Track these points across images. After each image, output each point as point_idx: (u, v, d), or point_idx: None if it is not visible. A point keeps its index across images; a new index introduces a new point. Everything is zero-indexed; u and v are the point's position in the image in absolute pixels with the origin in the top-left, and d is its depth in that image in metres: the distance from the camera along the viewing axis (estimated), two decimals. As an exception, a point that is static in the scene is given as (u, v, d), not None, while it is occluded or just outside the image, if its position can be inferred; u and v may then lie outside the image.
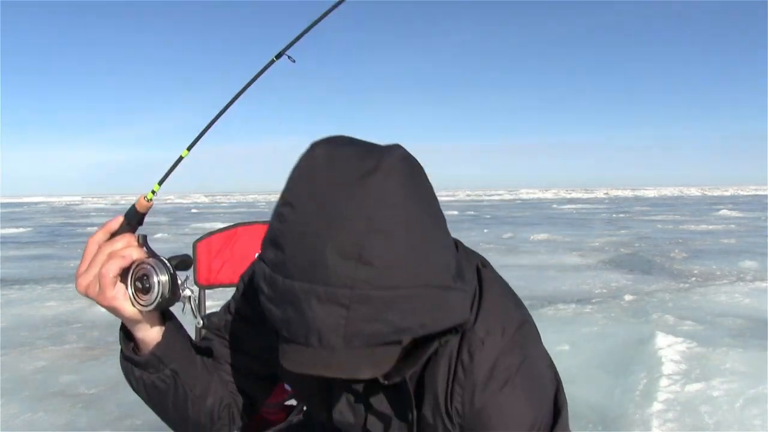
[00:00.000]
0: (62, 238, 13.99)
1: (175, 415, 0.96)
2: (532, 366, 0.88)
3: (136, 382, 0.91)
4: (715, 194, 61.23)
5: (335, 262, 0.65)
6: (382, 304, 0.66)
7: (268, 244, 0.71)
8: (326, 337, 0.67)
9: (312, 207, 0.67)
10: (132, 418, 2.81)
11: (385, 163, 0.68)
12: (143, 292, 0.82)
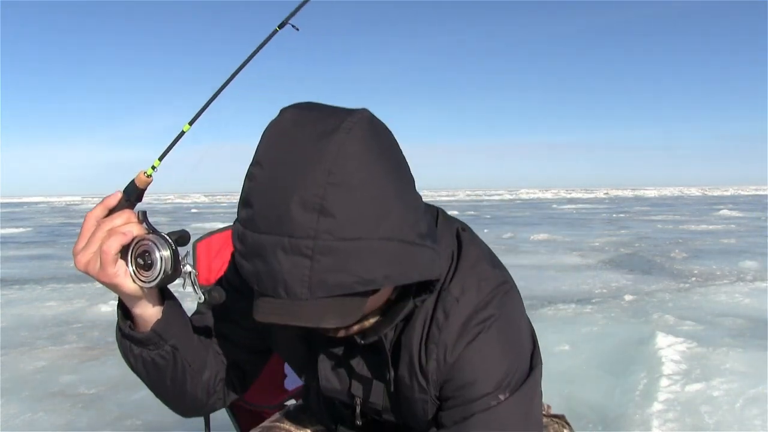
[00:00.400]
0: (62, 238, 13.98)
1: (173, 391, 0.96)
2: (507, 321, 0.88)
3: (134, 360, 0.91)
4: (715, 194, 61.24)
5: (299, 215, 0.67)
6: (345, 255, 0.68)
7: (241, 204, 0.75)
8: (292, 288, 0.69)
9: (278, 164, 0.70)
10: (132, 418, 2.81)
11: (347, 122, 0.71)
12: (145, 268, 0.82)
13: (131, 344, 0.90)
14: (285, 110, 0.75)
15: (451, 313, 0.85)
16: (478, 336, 0.85)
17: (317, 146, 0.69)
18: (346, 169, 0.68)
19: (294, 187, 0.68)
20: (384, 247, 0.70)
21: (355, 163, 0.69)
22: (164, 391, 0.97)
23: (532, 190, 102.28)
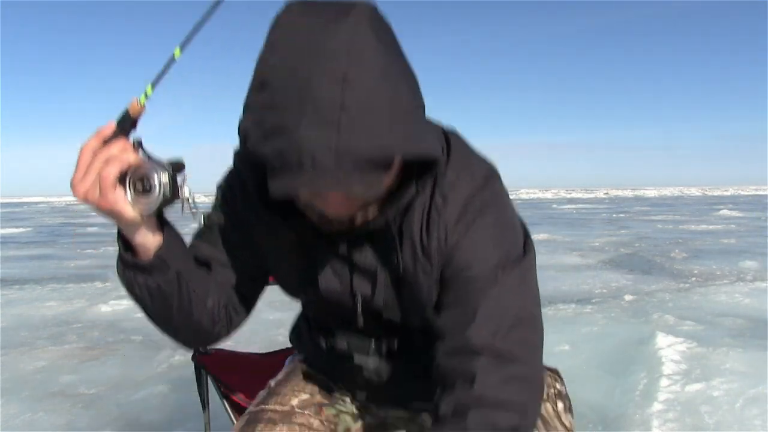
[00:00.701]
0: (62, 238, 13.98)
1: (180, 320, 0.96)
2: (501, 206, 0.94)
3: (140, 291, 0.91)
4: (715, 194, 61.25)
5: (322, 87, 0.69)
6: (369, 125, 0.71)
7: (254, 91, 0.75)
8: (319, 158, 0.70)
9: (294, 46, 0.72)
10: (132, 418, 2.81)
11: (357, 9, 0.74)
12: (144, 193, 0.82)
13: (135, 274, 0.90)
14: (289, 3, 0.77)
15: (449, 197, 0.89)
16: (475, 219, 0.90)
17: (332, 27, 0.71)
18: (362, 46, 0.71)
19: (315, 64, 0.70)
20: (402, 119, 0.74)
21: (371, 39, 0.72)
22: (170, 321, 0.97)
23: (532, 190, 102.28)
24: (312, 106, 0.69)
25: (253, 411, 1.14)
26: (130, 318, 5.00)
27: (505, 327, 0.87)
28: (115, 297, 5.84)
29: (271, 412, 1.11)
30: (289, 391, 1.15)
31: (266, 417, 1.10)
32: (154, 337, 4.33)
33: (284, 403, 1.12)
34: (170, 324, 0.98)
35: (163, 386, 3.23)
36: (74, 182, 0.81)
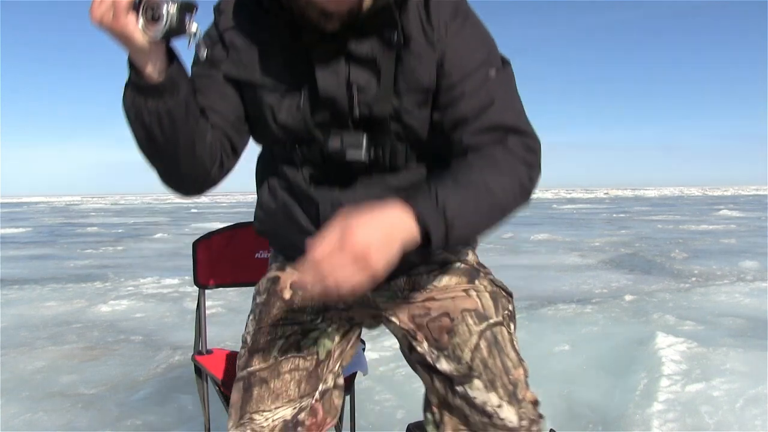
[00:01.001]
0: (62, 238, 13.98)
1: (184, 150, 1.01)
2: (477, 18, 1.08)
3: (148, 117, 0.95)
4: (715, 194, 61.23)
5: None
6: None
7: None
8: None
9: None
10: (132, 418, 2.81)
11: None
12: (153, 21, 0.90)
13: (146, 99, 0.94)
14: None
15: (442, 1, 1.04)
16: (466, 20, 1.05)
17: None
18: None
19: None
20: None
21: None
22: (176, 151, 1.00)
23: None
24: None
25: (243, 377, 1.17)
26: (130, 318, 5.00)
27: (520, 111, 1.06)
28: (115, 297, 5.84)
29: (259, 371, 1.16)
30: (266, 343, 1.18)
31: (256, 379, 1.15)
32: (154, 337, 4.33)
33: (267, 359, 1.16)
34: (174, 155, 1.01)
35: (163, 386, 3.23)
36: (92, 7, 0.88)
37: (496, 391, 1.11)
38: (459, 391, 1.12)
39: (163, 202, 55.16)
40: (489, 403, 1.10)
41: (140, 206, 43.08)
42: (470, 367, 1.12)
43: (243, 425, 1.13)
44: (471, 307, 1.16)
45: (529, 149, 1.03)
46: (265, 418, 1.12)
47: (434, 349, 1.15)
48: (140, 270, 7.91)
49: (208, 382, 1.72)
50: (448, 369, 1.13)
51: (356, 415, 1.64)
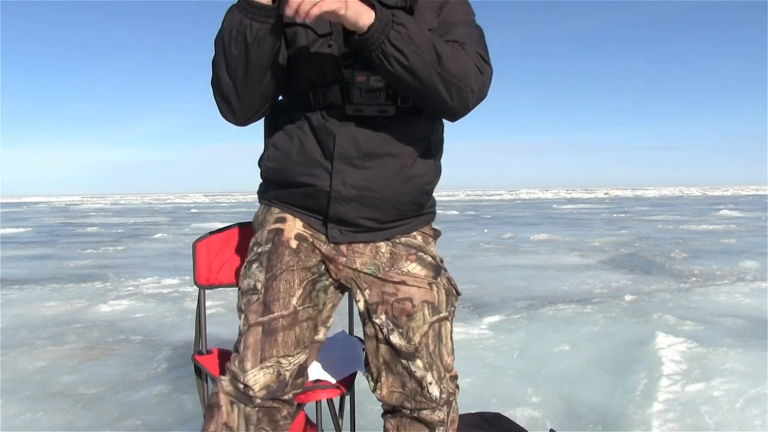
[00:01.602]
0: (62, 238, 13.98)
1: (266, 72, 1.26)
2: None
3: (251, 35, 1.18)
4: (715, 194, 61.22)
5: None
6: None
7: None
8: None
9: None
10: (132, 418, 2.81)
11: None
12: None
13: (252, 21, 1.17)
14: None
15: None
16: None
17: None
18: None
19: None
20: None
21: None
22: (257, 76, 1.25)
23: (532, 190, 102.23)
24: None
25: (264, 321, 1.31)
26: (130, 318, 5.00)
27: (485, 48, 1.36)
28: (115, 297, 5.84)
29: (281, 318, 1.31)
30: (284, 291, 1.34)
31: (279, 325, 1.31)
32: (154, 337, 4.33)
33: (287, 306, 1.33)
34: (255, 77, 1.25)
35: (163, 386, 3.23)
36: None
37: (431, 371, 1.39)
38: (403, 363, 1.39)
39: (163, 202, 55.15)
40: (425, 379, 1.39)
41: (140, 206, 43.06)
42: (416, 348, 1.39)
43: (270, 367, 1.28)
44: (430, 300, 1.41)
45: (484, 62, 1.34)
46: (290, 362, 1.30)
47: (390, 323, 1.38)
48: (140, 270, 7.91)
49: (208, 382, 1.72)
50: (398, 344, 1.39)
51: (356, 415, 1.64)
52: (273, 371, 1.29)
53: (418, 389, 1.40)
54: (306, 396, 1.49)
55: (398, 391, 1.42)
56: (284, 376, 1.30)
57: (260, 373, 1.28)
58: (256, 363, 1.28)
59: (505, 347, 3.76)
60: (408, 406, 1.42)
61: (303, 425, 1.55)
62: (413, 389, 1.41)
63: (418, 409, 1.41)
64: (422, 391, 1.40)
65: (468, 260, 8.49)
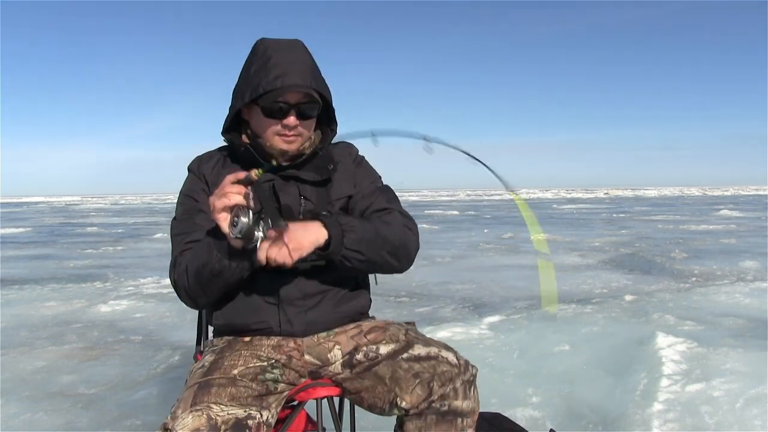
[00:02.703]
0: (62, 238, 13.99)
1: (224, 291, 1.47)
2: (367, 161, 1.71)
3: (230, 274, 1.40)
4: (715, 194, 61.21)
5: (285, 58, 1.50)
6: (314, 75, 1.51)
7: (246, 69, 1.54)
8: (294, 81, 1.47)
9: (269, 50, 1.50)
10: (132, 418, 2.81)
11: (297, 41, 1.55)
12: (233, 225, 1.27)
13: (240, 262, 1.37)
14: (260, 39, 1.54)
15: (349, 149, 1.68)
16: (362, 161, 1.68)
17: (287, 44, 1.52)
18: (303, 52, 1.52)
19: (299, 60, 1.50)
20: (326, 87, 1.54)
21: (306, 52, 1.53)
22: (222, 292, 1.47)
23: (532, 190, 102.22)
24: (284, 65, 1.47)
25: (201, 381, 1.37)
26: (129, 318, 5.01)
27: (399, 203, 1.62)
28: (115, 297, 5.85)
29: (219, 378, 1.37)
30: (227, 365, 1.42)
31: (216, 383, 1.35)
32: (153, 337, 4.34)
33: (227, 374, 1.39)
34: (220, 293, 1.47)
35: (163, 386, 3.23)
36: (212, 197, 1.30)
37: (433, 346, 1.49)
38: (405, 356, 1.46)
39: (163, 202, 55.13)
40: (431, 351, 1.46)
41: (140, 206, 43.05)
42: (407, 342, 1.50)
43: (200, 410, 1.27)
44: (392, 322, 1.61)
45: (406, 217, 1.59)
46: (221, 409, 1.29)
47: (372, 346, 1.50)
48: (140, 270, 7.92)
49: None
50: (390, 349, 1.49)
51: (356, 413, 1.64)
52: (202, 414, 1.26)
53: (432, 362, 1.43)
54: (306, 394, 1.49)
55: (418, 384, 1.40)
56: (215, 421, 1.25)
57: (189, 417, 1.26)
58: (186, 409, 1.28)
59: (505, 347, 3.76)
60: (435, 390, 1.39)
61: (303, 424, 1.55)
62: (427, 367, 1.42)
63: (443, 397, 1.39)
64: (437, 359, 1.43)
65: (468, 260, 8.49)
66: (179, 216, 1.55)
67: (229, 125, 1.57)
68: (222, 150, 1.63)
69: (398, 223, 1.55)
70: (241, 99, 1.51)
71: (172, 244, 1.54)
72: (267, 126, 1.50)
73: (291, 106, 1.48)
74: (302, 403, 1.52)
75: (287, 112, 1.48)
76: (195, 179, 1.58)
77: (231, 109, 1.55)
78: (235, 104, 1.53)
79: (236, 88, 1.54)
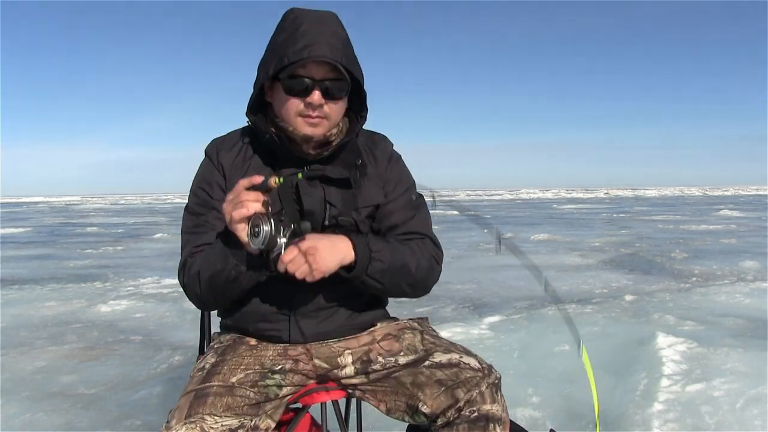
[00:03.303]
0: (62, 238, 13.98)
1: (238, 297, 1.42)
2: (402, 160, 1.58)
3: (246, 281, 1.33)
4: (715, 194, 61.20)
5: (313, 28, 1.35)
6: (343, 49, 1.35)
7: (275, 37, 1.38)
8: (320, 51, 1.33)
9: (299, 18, 1.36)
10: (132, 418, 2.81)
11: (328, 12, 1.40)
12: (254, 235, 1.22)
13: (255, 272, 1.32)
14: (291, 8, 1.39)
15: (381, 143, 1.55)
16: (398, 161, 1.54)
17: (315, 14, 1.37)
18: (333, 21, 1.38)
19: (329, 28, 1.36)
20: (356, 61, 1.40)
21: (337, 22, 1.39)
22: (235, 297, 1.41)
23: (532, 190, 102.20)
24: (314, 35, 1.32)
25: (198, 388, 1.33)
26: (129, 318, 5.00)
27: (430, 225, 1.52)
28: (115, 297, 5.85)
29: (216, 387, 1.33)
30: (227, 371, 1.38)
31: (212, 391, 1.32)
32: (154, 337, 4.33)
33: (226, 381, 1.35)
34: (232, 298, 1.41)
35: (163, 386, 3.23)
36: (225, 204, 1.25)
37: (454, 352, 1.41)
38: (426, 364, 1.39)
39: (163, 202, 55.13)
40: (452, 358, 1.39)
41: (140, 206, 43.04)
42: (426, 351, 1.43)
43: (194, 422, 1.25)
44: (405, 327, 1.53)
45: (437, 248, 1.50)
46: (215, 421, 1.27)
47: (389, 357, 1.43)
48: (140, 270, 7.92)
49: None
50: (409, 359, 1.42)
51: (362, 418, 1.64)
52: (196, 426, 1.25)
53: (454, 369, 1.36)
54: (311, 398, 1.48)
55: (442, 392, 1.33)
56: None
57: (182, 429, 1.24)
58: (181, 420, 1.26)
59: (505, 347, 3.76)
60: (461, 397, 1.31)
61: (308, 428, 1.55)
62: (449, 375, 1.35)
63: (470, 402, 1.31)
64: (459, 367, 1.36)
65: (468, 260, 8.49)
66: (191, 209, 1.46)
67: (253, 104, 1.42)
68: (243, 134, 1.49)
69: (428, 255, 1.46)
70: (265, 72, 1.36)
71: (181, 241, 1.46)
72: (289, 106, 1.35)
73: (316, 81, 1.33)
74: (306, 406, 1.51)
75: (311, 88, 1.33)
76: (212, 168, 1.46)
77: (256, 84, 1.40)
78: (260, 78, 1.38)
79: (262, 61, 1.39)
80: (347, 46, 1.36)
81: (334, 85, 1.34)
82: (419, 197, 1.52)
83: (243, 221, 1.22)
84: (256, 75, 1.40)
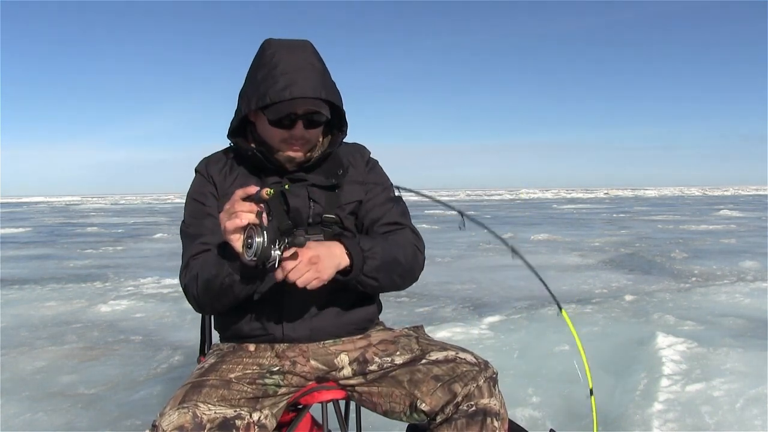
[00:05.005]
0: (62, 238, 13.99)
1: (233, 305, 1.43)
2: (379, 164, 1.67)
3: (240, 290, 1.36)
4: (715, 194, 61.21)
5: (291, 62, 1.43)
6: (324, 83, 1.45)
7: (253, 71, 1.48)
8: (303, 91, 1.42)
9: (276, 50, 1.45)
10: (132, 418, 2.81)
11: (304, 42, 1.49)
12: (248, 246, 1.23)
13: (252, 282, 1.35)
14: (267, 40, 1.48)
15: (361, 150, 1.65)
16: (375, 166, 1.64)
17: (294, 45, 1.47)
18: (311, 53, 1.47)
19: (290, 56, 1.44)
20: (336, 92, 1.49)
21: (314, 54, 1.48)
22: (230, 305, 1.42)
23: (532, 190, 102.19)
24: (292, 73, 1.41)
25: (195, 381, 1.36)
26: (129, 318, 5.00)
27: (409, 217, 1.61)
28: (115, 297, 5.85)
29: (213, 380, 1.37)
30: (225, 369, 1.42)
31: (209, 384, 1.35)
32: (154, 337, 4.33)
33: (223, 377, 1.39)
34: (229, 305, 1.43)
35: (163, 386, 3.23)
36: (222, 213, 1.27)
37: (450, 350, 1.46)
38: (423, 362, 1.43)
39: (163, 202, 55.13)
40: (448, 355, 1.43)
41: (140, 206, 43.05)
42: (422, 350, 1.47)
43: (186, 408, 1.26)
44: (401, 335, 1.57)
45: (417, 237, 1.58)
46: (209, 408, 1.29)
47: (385, 357, 1.47)
48: (140, 270, 7.92)
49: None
50: (406, 358, 1.45)
51: (362, 417, 1.64)
52: (188, 412, 1.26)
53: (451, 364, 1.39)
54: (311, 397, 1.48)
55: (439, 387, 1.35)
56: (201, 419, 1.25)
57: (175, 414, 1.25)
58: (174, 406, 1.27)
59: (505, 347, 3.76)
60: (459, 392, 1.33)
61: (309, 427, 1.55)
62: (447, 370, 1.38)
63: (468, 397, 1.33)
64: (456, 362, 1.40)
65: (468, 260, 8.49)
66: (188, 220, 1.52)
67: (235, 128, 1.53)
68: (228, 152, 1.59)
69: (410, 243, 1.53)
70: (247, 105, 1.46)
71: (182, 247, 1.51)
72: (273, 134, 1.46)
73: (299, 116, 1.43)
74: (307, 406, 1.51)
75: (295, 122, 1.43)
76: (203, 181, 1.55)
77: (237, 113, 1.51)
78: (242, 109, 1.48)
79: (242, 92, 1.49)
80: (324, 75, 1.46)
81: (315, 116, 1.44)
82: (398, 196, 1.65)
83: (237, 231, 1.24)
84: (237, 103, 1.50)
